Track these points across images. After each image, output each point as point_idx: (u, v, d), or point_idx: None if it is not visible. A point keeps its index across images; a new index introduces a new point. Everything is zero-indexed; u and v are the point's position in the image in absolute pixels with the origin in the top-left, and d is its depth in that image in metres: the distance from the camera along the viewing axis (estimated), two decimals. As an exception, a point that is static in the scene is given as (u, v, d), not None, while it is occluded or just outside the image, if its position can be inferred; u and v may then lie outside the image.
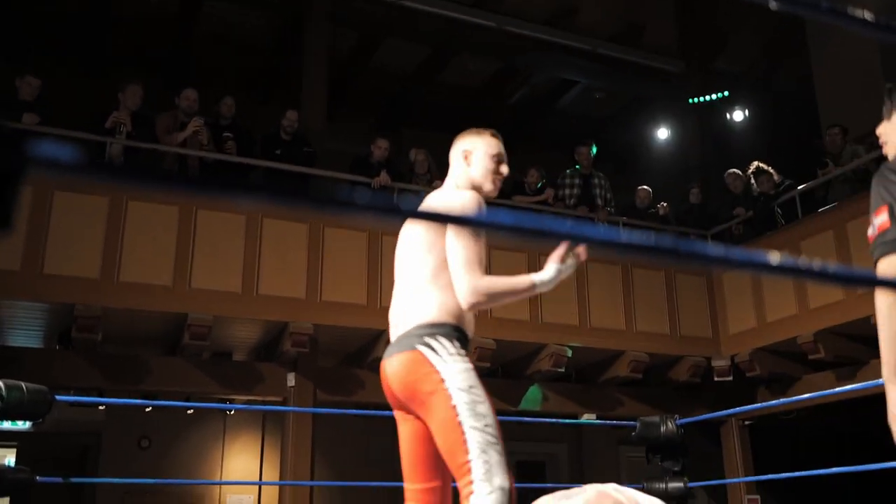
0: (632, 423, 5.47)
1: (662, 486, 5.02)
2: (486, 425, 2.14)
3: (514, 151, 9.95)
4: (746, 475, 7.83)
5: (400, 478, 2.37)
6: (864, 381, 5.45)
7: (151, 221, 6.43)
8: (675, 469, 5.23)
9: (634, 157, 11.90)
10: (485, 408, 2.17)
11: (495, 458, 2.11)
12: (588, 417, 7.74)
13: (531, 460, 10.56)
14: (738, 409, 5.55)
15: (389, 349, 2.38)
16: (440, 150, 8.93)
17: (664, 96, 10.97)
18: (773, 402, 5.71)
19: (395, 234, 7.37)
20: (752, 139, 10.58)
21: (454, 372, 2.19)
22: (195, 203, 6.55)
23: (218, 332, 6.76)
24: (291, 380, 7.00)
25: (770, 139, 10.74)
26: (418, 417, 2.32)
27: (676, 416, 5.36)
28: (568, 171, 8.64)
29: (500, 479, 2.09)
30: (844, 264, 6.62)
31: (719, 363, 8.03)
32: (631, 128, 11.63)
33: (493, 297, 2.31)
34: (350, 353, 7.50)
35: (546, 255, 2.51)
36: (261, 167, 7.28)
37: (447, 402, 2.16)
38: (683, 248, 0.84)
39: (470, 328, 2.38)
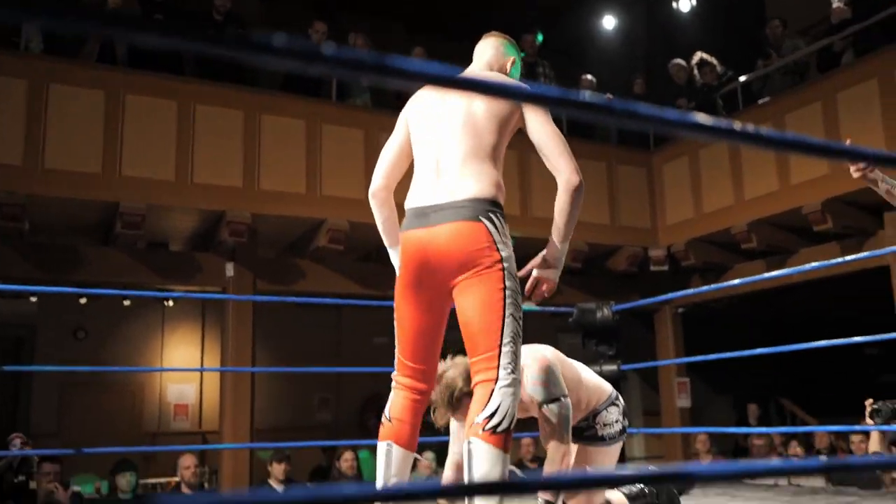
0: (569, 309, 5.58)
1: (598, 368, 5.17)
2: (520, 317, 2.21)
3: (456, 40, 9.69)
4: (678, 358, 8.13)
5: (338, 365, 2.35)
6: (792, 269, 5.60)
7: (77, 106, 6.13)
8: (610, 353, 5.38)
9: (580, 47, 11.72)
10: (521, 300, 2.22)
11: (518, 351, 2.18)
12: (528, 304, 7.87)
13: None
14: (671, 294, 5.67)
15: (438, 216, 2.25)
16: (379, 37, 8.68)
17: (611, -17, 10.74)
18: (705, 287, 5.85)
19: (336, 122, 7.18)
20: (698, 29, 10.49)
21: (509, 256, 2.22)
22: (124, 87, 6.26)
23: (152, 222, 6.60)
24: (230, 270, 6.92)
25: (716, 29, 10.67)
26: (439, 293, 2.28)
27: (612, 302, 5.48)
28: (512, 58, 8.46)
29: (517, 373, 2.16)
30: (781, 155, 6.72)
31: (656, 253, 8.20)
32: (578, 17, 11.40)
33: (580, 195, 2.44)
34: (290, 242, 7.42)
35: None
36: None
37: (499, 283, 2.18)
38: (617, 106, 0.81)
39: None
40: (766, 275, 5.68)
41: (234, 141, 6.58)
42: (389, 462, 2.30)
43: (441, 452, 8.21)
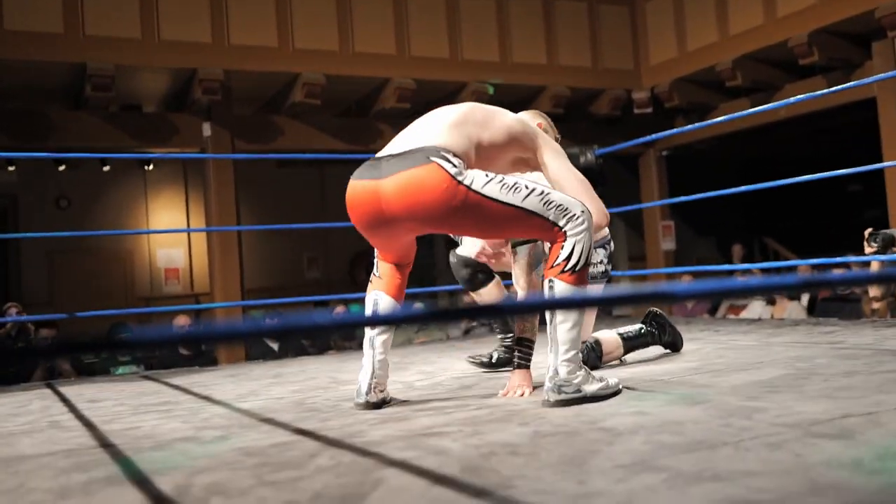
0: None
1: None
2: (524, 187, 2.11)
3: None
4: (662, 200, 8.16)
5: (317, 221, 2.32)
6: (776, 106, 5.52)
7: (29, -39, 5.81)
8: (594, 198, 5.36)
9: None
10: (509, 178, 2.12)
11: (556, 197, 2.14)
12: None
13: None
14: (655, 136, 5.62)
15: (388, 166, 2.13)
16: None
17: None
18: (689, 127, 5.78)
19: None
20: None
21: (472, 173, 2.09)
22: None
23: (122, 83, 6.41)
24: (207, 129, 6.79)
25: None
26: (406, 229, 2.23)
27: (595, 146, 5.41)
28: None
29: (577, 207, 2.15)
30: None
31: (639, 95, 8.07)
32: None
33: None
34: (266, 99, 7.24)
35: None
36: None
37: (486, 204, 2.08)
38: None
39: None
40: (751, 110, 5.59)
41: (199, -7, 6.30)
42: (377, 310, 2.38)
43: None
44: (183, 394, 3.02)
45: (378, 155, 2.22)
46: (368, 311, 2.39)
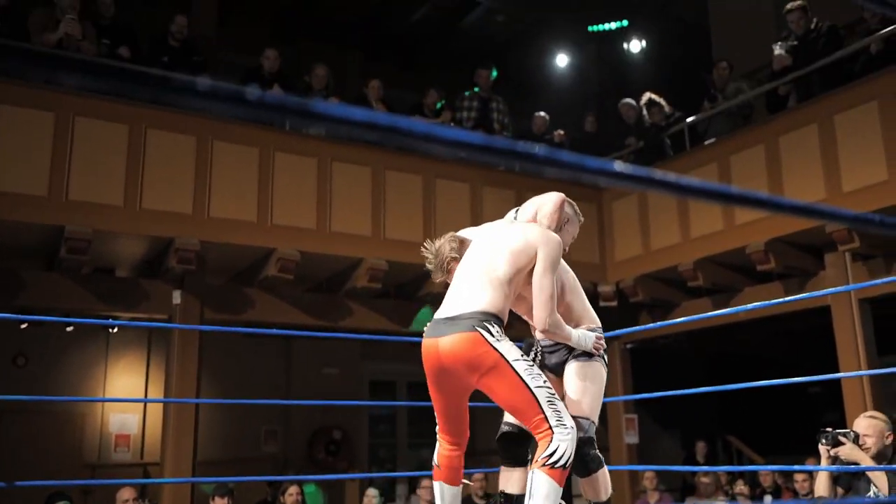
0: (518, 344, 5.60)
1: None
2: (539, 376, 2.67)
3: (414, 70, 9.82)
4: (626, 395, 8.19)
5: (285, 397, 2.38)
6: (737, 307, 5.72)
7: (24, 127, 6.03)
8: (558, 388, 5.39)
9: (533, 83, 11.92)
10: (536, 370, 2.68)
11: (560, 406, 2.64)
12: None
13: (422, 381, 10.72)
14: (620, 331, 5.74)
15: (446, 327, 2.74)
16: (337, 65, 8.71)
17: (565, 22, 10.96)
18: (653, 324, 5.94)
19: (289, 150, 7.16)
20: (648, 69, 10.75)
21: (506, 346, 2.67)
22: (73, 109, 6.18)
23: (99, 247, 6.49)
24: (177, 297, 6.83)
25: (665, 70, 10.94)
26: (457, 386, 2.81)
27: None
28: (467, 93, 8.58)
29: (570, 421, 2.63)
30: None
31: (605, 289, 8.29)
32: (531, 53, 11.61)
33: (555, 332, 2.88)
34: (239, 271, 7.35)
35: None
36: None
37: (509, 372, 2.62)
38: (520, 149, 0.84)
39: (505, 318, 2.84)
40: (712, 313, 5.80)
41: (185, 167, 6.53)
42: (443, 498, 2.95)
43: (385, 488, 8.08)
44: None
45: (439, 316, 2.81)
46: (438, 501, 2.98)
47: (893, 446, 3.95)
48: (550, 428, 2.58)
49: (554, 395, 2.64)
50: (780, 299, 5.00)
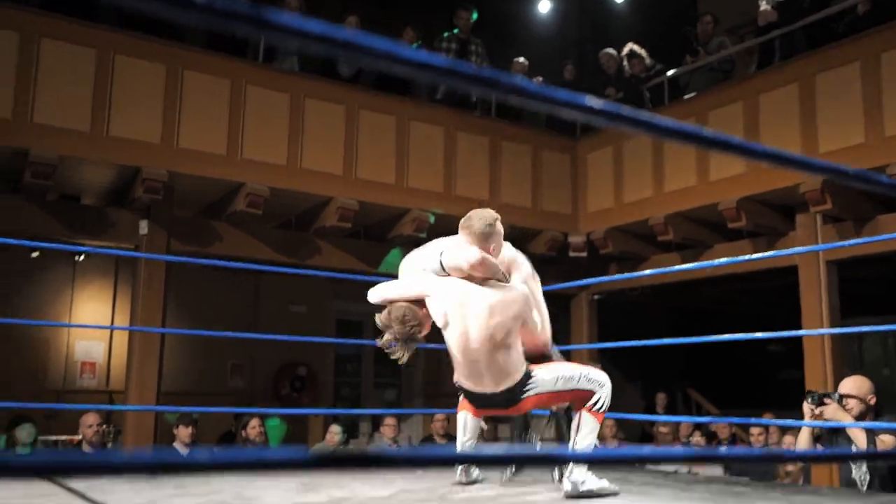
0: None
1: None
2: (566, 373, 3.23)
3: (393, 9, 9.60)
4: (591, 344, 8.28)
5: (248, 329, 2.32)
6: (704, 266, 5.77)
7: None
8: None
9: (514, 29, 11.74)
10: (565, 371, 3.24)
11: (587, 373, 3.28)
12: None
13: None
14: (588, 280, 5.77)
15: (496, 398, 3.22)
16: (313, 3, 8.44)
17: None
18: (621, 275, 5.98)
19: (261, 84, 6.98)
20: (631, 20, 10.62)
21: (536, 375, 3.20)
22: (39, 31, 5.99)
23: (64, 173, 6.37)
24: (144, 227, 6.74)
25: (648, 21, 10.82)
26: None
27: (527, 284, 5.51)
28: (445, 34, 8.43)
29: (600, 378, 3.30)
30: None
31: (575, 239, 8.31)
32: (513, -2, 11.42)
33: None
34: (208, 204, 7.25)
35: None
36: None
37: (548, 389, 3.21)
38: (486, 74, 0.80)
39: None
40: (681, 266, 5.83)
41: (154, 96, 6.38)
42: (466, 426, 3.42)
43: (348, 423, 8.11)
44: (78, 499, 2.87)
45: (480, 392, 3.23)
46: (460, 429, 3.44)
47: (875, 407, 4.05)
48: (592, 395, 3.25)
49: (579, 372, 3.26)
50: (749, 256, 5.03)
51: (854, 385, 4.06)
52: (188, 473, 0.80)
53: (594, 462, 3.23)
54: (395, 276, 3.51)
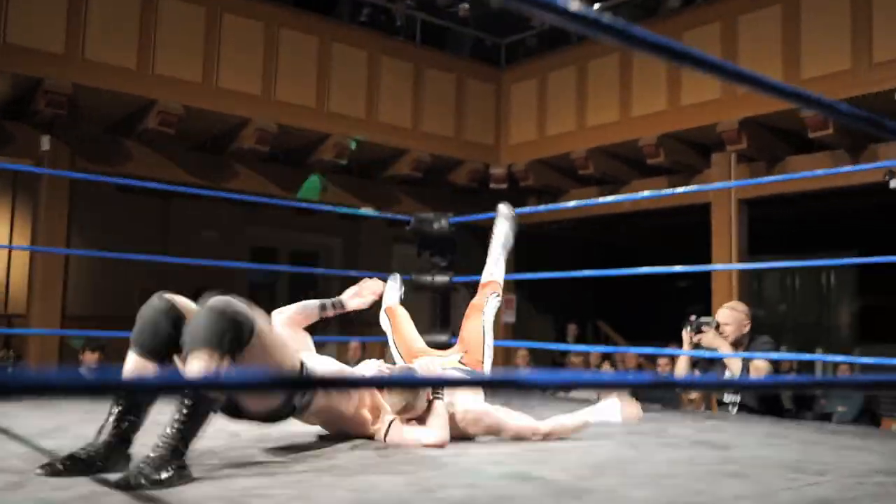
0: (407, 217, 5.54)
1: (429, 278, 5.19)
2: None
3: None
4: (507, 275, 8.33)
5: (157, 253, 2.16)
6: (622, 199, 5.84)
7: None
8: (443, 264, 5.40)
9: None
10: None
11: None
12: (366, 210, 7.77)
13: (305, 250, 10.62)
14: (508, 212, 5.76)
15: None
16: None
17: None
18: (541, 207, 6.00)
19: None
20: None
21: None
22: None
23: (-44, 81, 5.92)
24: (46, 143, 6.36)
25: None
26: None
27: (450, 214, 5.48)
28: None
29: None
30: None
31: (497, 170, 8.28)
32: None
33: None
34: (116, 121, 6.87)
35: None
36: None
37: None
38: None
39: None
40: (599, 200, 5.87)
41: (58, 2, 5.95)
42: None
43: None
44: (-26, 426, 2.70)
45: None
46: None
47: (749, 334, 4.19)
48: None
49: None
50: (665, 191, 5.10)
51: (730, 314, 4.18)
52: (99, 394, 0.71)
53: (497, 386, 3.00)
54: (311, 203, 3.41)
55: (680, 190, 5.24)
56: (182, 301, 2.14)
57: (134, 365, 2.07)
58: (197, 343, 1.94)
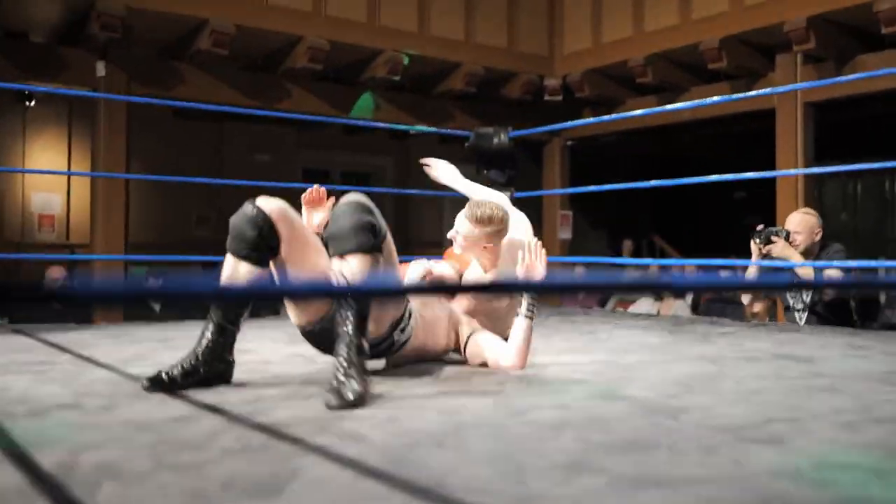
0: (465, 133, 5.44)
1: (490, 194, 5.12)
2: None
3: None
4: (563, 189, 8.22)
5: (212, 177, 2.14)
6: (683, 107, 5.63)
7: None
8: (501, 181, 5.32)
9: None
10: None
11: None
12: (420, 126, 7.66)
13: (357, 172, 10.60)
14: (565, 124, 5.64)
15: None
16: None
17: None
18: (600, 118, 5.83)
19: None
20: None
21: None
22: None
23: (7, 7, 5.89)
24: (101, 69, 6.34)
25: None
26: None
27: (510, 128, 5.37)
28: None
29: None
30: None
31: (551, 82, 8.06)
32: None
33: None
34: (169, 43, 6.81)
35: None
36: None
37: None
38: None
39: None
40: (659, 108, 5.68)
41: (104, -79, 5.83)
42: None
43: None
44: (60, 353, 2.77)
45: None
46: None
47: (820, 243, 4.07)
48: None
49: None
50: (728, 97, 4.91)
51: (801, 220, 4.06)
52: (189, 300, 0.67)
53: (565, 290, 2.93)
54: (366, 121, 3.31)
55: (746, 95, 5.05)
56: (272, 205, 2.18)
57: (231, 270, 2.15)
58: (350, 246, 2.12)
